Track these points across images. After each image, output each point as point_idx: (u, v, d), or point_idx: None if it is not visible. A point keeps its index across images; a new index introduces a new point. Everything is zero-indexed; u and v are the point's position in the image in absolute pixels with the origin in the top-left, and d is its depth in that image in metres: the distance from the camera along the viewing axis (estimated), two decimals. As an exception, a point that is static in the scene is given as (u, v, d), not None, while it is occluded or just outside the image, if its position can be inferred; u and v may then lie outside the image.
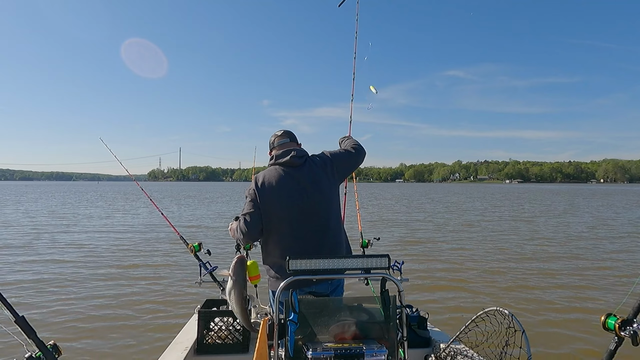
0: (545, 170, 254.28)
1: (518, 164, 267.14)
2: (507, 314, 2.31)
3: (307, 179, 2.57)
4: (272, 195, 2.54)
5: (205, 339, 3.23)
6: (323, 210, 2.58)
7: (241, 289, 2.31)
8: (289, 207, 2.53)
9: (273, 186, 2.55)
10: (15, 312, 1.87)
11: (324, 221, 2.58)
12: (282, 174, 2.57)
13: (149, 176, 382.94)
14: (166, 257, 10.17)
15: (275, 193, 2.54)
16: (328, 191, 2.62)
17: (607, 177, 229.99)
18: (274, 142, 2.74)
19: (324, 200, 2.60)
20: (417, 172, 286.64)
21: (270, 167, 2.66)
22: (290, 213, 2.53)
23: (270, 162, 2.67)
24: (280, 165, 2.61)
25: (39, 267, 9.08)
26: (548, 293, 7.27)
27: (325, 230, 2.57)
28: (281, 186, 2.55)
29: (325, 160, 2.66)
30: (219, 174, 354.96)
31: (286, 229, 2.53)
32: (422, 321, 3.36)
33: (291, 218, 2.53)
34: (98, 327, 5.46)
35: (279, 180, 2.56)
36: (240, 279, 2.32)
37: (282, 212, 2.53)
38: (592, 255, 10.99)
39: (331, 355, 1.87)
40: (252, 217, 2.53)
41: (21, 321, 1.87)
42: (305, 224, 2.53)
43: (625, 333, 1.74)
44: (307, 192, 2.55)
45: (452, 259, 10.40)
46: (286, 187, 2.55)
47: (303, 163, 2.61)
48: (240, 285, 2.31)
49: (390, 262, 2.08)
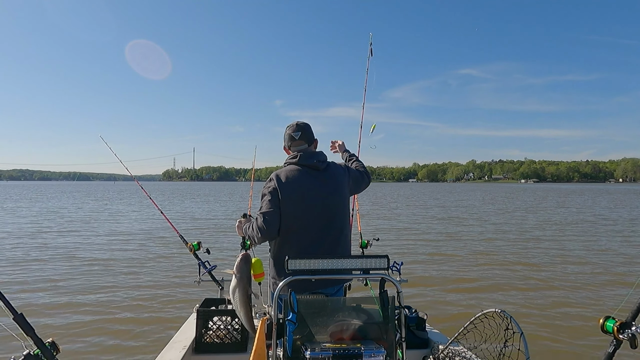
0: (562, 170, 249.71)
1: (534, 164, 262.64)
2: (505, 316, 2.31)
3: (332, 182, 2.57)
4: (294, 195, 2.48)
5: (204, 337, 3.23)
6: (340, 214, 2.59)
7: (246, 287, 2.30)
8: (311, 208, 2.50)
9: (297, 186, 2.49)
10: (14, 309, 1.87)
11: (340, 225, 2.57)
12: (307, 175, 2.53)
13: (163, 176, 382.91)
14: (165, 256, 10.17)
15: (299, 193, 2.49)
16: (346, 198, 2.66)
17: (626, 176, 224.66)
18: (289, 139, 2.65)
19: (343, 206, 2.62)
20: (431, 171, 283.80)
21: (290, 166, 2.58)
22: (311, 215, 2.49)
23: (292, 160, 2.59)
24: (303, 166, 2.56)
25: (38, 264, 9.08)
26: (546, 295, 7.26)
27: (339, 235, 2.57)
28: (306, 187, 2.50)
29: (345, 170, 2.70)
30: (232, 173, 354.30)
31: (305, 229, 2.49)
32: (421, 322, 3.36)
33: (311, 220, 2.49)
34: (96, 325, 5.46)
35: (303, 181, 2.51)
36: (245, 276, 2.30)
37: (304, 213, 2.49)
38: (591, 257, 10.98)
39: (329, 356, 1.87)
40: (272, 216, 2.45)
41: (20, 319, 1.87)
42: (323, 227, 2.52)
43: (623, 336, 1.74)
44: (331, 195, 2.54)
45: (451, 260, 10.39)
46: (312, 188, 2.51)
47: (326, 167, 2.60)
48: (245, 283, 2.30)
49: (389, 262, 2.08)
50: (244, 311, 2.32)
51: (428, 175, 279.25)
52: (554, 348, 5.04)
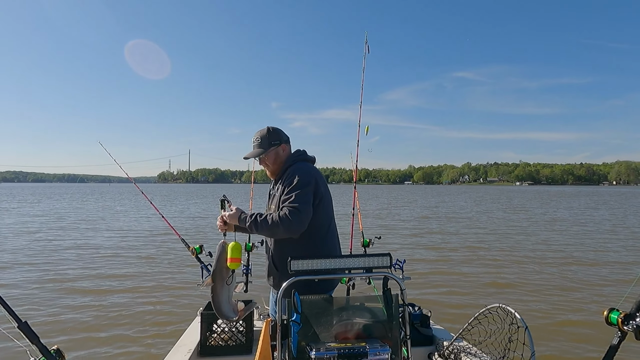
0: (556, 172, 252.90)
1: (528, 166, 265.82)
2: (509, 311, 2.31)
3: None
4: (324, 189, 2.45)
5: (208, 340, 3.23)
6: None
7: (221, 272, 2.27)
8: (330, 206, 2.53)
9: (325, 186, 2.49)
10: (18, 317, 1.87)
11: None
12: (320, 174, 2.51)
13: (158, 178, 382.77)
14: (168, 260, 10.16)
15: (326, 189, 2.48)
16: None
17: (619, 179, 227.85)
18: (287, 138, 2.63)
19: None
20: (426, 174, 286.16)
21: (310, 164, 2.56)
22: (330, 213, 2.52)
23: (308, 157, 2.57)
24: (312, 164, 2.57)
25: (40, 270, 9.07)
26: (550, 289, 7.26)
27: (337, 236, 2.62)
28: (326, 185, 2.52)
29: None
30: (228, 175, 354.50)
31: (326, 228, 2.49)
32: (425, 319, 3.36)
33: (331, 218, 2.53)
34: (101, 331, 5.46)
35: (323, 179, 2.50)
36: (218, 264, 2.28)
37: (328, 211, 2.50)
38: (594, 251, 10.98)
39: (334, 355, 1.87)
40: (309, 213, 2.29)
41: (24, 327, 1.86)
42: (334, 227, 2.57)
43: (628, 327, 1.74)
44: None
45: (453, 256, 10.39)
46: (327, 186, 2.53)
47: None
48: (217, 269, 2.28)
49: (392, 260, 2.08)
50: (212, 295, 2.30)
51: (424, 178, 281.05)
52: (559, 341, 5.04)
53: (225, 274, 2.29)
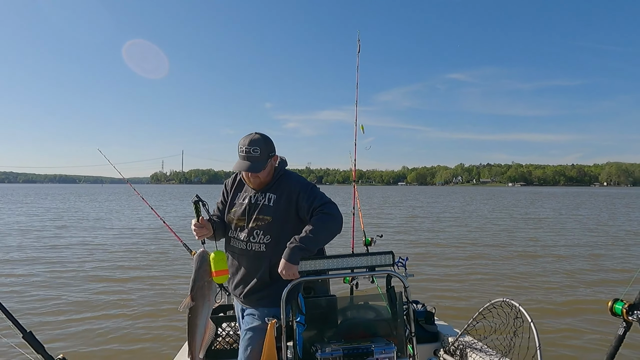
0: (548, 173, 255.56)
1: (521, 167, 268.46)
2: (514, 305, 2.31)
3: None
4: None
5: (214, 344, 3.22)
6: None
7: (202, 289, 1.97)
8: None
9: None
10: (23, 328, 1.87)
11: None
12: None
13: (151, 179, 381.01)
14: (171, 264, 10.15)
15: None
16: None
17: (610, 180, 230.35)
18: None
19: None
20: (420, 175, 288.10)
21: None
22: None
23: (285, 166, 2.38)
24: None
25: (43, 277, 9.06)
26: (553, 282, 7.27)
27: None
28: None
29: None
30: (221, 176, 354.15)
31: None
32: (430, 316, 3.35)
33: None
34: (106, 337, 5.45)
35: None
36: (203, 282, 1.98)
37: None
38: (596, 244, 10.98)
39: (340, 355, 1.86)
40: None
41: (29, 337, 1.86)
42: None
43: (632, 317, 1.74)
44: None
45: (456, 252, 10.39)
46: None
47: None
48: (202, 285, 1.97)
49: (394, 258, 2.08)
50: (191, 318, 1.97)
51: (417, 179, 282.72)
52: (564, 334, 5.03)
53: (207, 290, 1.99)
